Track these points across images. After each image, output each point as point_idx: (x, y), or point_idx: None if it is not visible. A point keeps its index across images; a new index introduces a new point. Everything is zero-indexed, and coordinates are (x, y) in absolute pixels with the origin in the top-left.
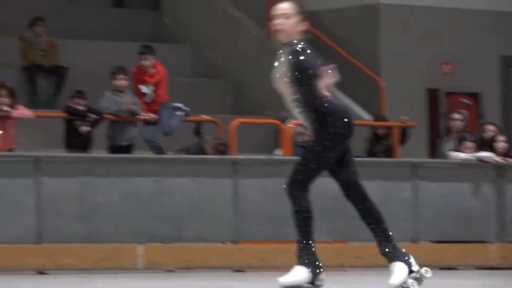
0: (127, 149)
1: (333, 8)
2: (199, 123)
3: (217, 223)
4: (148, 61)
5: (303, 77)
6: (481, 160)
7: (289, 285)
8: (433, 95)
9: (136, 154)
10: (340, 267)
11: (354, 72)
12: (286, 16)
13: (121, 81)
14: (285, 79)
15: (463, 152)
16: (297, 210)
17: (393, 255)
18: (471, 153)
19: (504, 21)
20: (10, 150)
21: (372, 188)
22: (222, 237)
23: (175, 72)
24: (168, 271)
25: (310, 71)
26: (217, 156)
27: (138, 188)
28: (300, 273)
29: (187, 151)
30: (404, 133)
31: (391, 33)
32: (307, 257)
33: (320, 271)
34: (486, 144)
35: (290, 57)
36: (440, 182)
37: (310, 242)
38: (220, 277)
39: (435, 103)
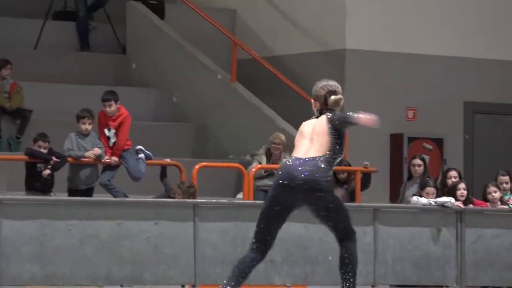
0: (87, 192)
1: (299, 53)
2: (164, 167)
3: (177, 266)
4: (112, 107)
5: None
6: (441, 205)
7: None
8: (396, 140)
9: (98, 197)
10: None
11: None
12: None
13: (86, 125)
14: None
15: (424, 197)
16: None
17: None
18: (432, 198)
19: (468, 67)
20: None
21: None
22: (182, 279)
23: (141, 116)
24: None
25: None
26: (178, 200)
27: (98, 231)
28: None
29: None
30: (366, 178)
31: (356, 78)
32: None
33: None
34: (448, 190)
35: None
36: (401, 227)
37: None
38: None
39: (399, 148)
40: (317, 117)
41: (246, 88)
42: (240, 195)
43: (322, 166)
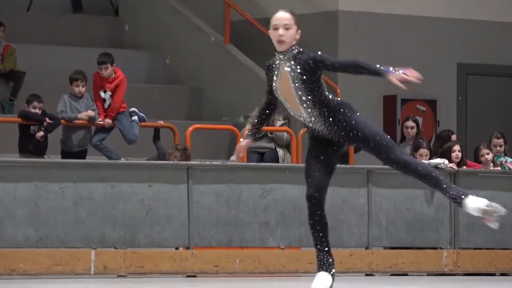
0: (81, 154)
1: None
2: (158, 130)
3: (170, 229)
4: (108, 70)
5: (318, 73)
6: (435, 167)
7: None
8: (389, 102)
9: (91, 159)
10: (293, 272)
11: None
12: (286, 26)
13: (79, 87)
14: (294, 85)
15: (417, 159)
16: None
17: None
18: (425, 160)
19: (461, 28)
20: None
21: (328, 194)
22: (176, 242)
23: (134, 78)
24: (120, 276)
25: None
26: (172, 162)
27: (92, 193)
28: None
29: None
30: None
31: (349, 40)
32: None
33: None
34: (443, 152)
35: (295, 60)
36: (394, 189)
37: None
38: (172, 282)
39: (392, 109)
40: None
41: (239, 50)
42: (233, 157)
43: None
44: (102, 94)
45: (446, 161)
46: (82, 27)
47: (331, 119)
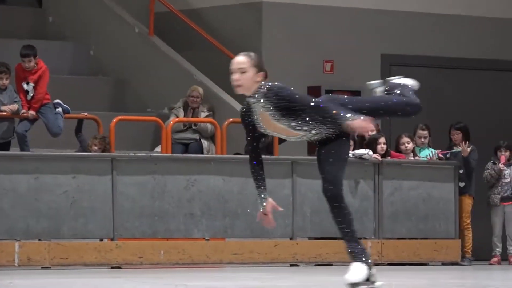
0: (4, 146)
1: (216, 5)
2: (80, 122)
3: (95, 220)
4: (31, 63)
5: (296, 102)
6: (359, 158)
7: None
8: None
9: (15, 151)
10: (218, 263)
11: None
12: (242, 70)
13: (3, 80)
14: (276, 120)
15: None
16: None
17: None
18: (350, 150)
19: (385, 19)
20: None
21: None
22: (100, 233)
23: (58, 69)
24: (44, 268)
25: (294, 96)
26: (96, 153)
27: (15, 184)
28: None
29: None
30: None
31: (273, 31)
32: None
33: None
34: (367, 143)
35: (264, 99)
36: (319, 179)
37: None
38: (96, 274)
39: None
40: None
41: (164, 42)
42: (158, 149)
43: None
44: (25, 86)
45: (371, 152)
46: (5, 18)
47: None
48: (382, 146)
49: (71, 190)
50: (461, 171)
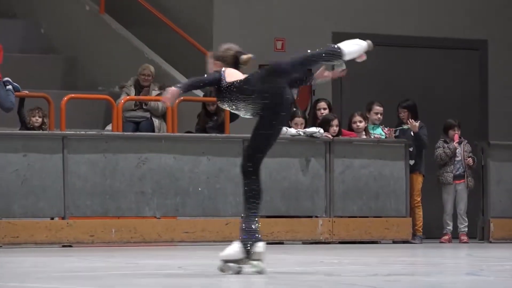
0: None
1: None
2: (22, 100)
3: (46, 199)
4: None
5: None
6: (310, 136)
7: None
8: None
9: None
10: (169, 242)
11: (187, 47)
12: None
13: None
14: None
15: (293, 127)
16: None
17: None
18: (301, 128)
19: None
20: None
21: (204, 163)
22: (51, 212)
23: (8, 47)
24: None
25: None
26: (47, 132)
27: None
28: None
29: None
30: None
31: (224, 8)
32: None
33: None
34: (320, 123)
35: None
36: (269, 158)
37: None
38: (48, 252)
39: None
40: None
41: (114, 19)
42: (109, 127)
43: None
44: None
45: (322, 130)
46: None
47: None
48: (334, 128)
49: (22, 169)
50: (411, 149)
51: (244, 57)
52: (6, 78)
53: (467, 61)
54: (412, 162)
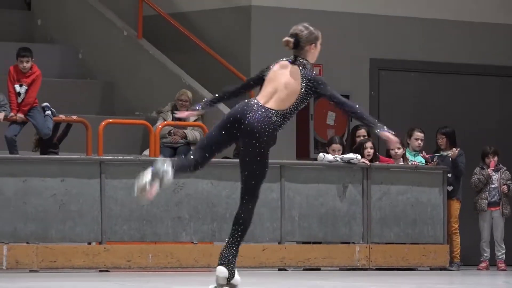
0: None
1: (206, 9)
2: (68, 125)
3: (83, 223)
4: (29, 64)
5: None
6: (348, 162)
7: None
8: None
9: (2, 154)
10: (206, 267)
11: (224, 73)
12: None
13: None
14: None
15: (330, 154)
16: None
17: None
18: (338, 155)
19: (374, 23)
20: None
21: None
22: (88, 237)
23: (46, 72)
24: (33, 271)
25: None
26: (85, 157)
27: (3, 187)
28: None
29: None
30: None
31: (262, 35)
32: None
33: None
34: (356, 148)
35: None
36: (307, 184)
37: None
38: (85, 277)
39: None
40: (292, 62)
41: (152, 45)
42: (146, 152)
43: (274, 119)
44: (18, 88)
45: (359, 156)
46: None
47: None
48: (368, 150)
49: (59, 193)
50: (449, 175)
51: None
52: (45, 104)
53: (507, 88)
54: (450, 188)
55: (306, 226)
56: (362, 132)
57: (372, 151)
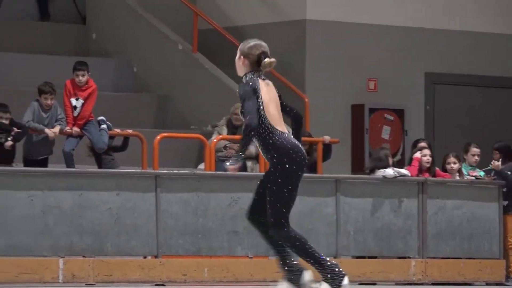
0: (43, 162)
1: (260, 23)
2: (126, 138)
3: (138, 237)
4: (85, 77)
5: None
6: (403, 176)
7: None
8: (357, 111)
9: (57, 168)
10: (261, 281)
11: (278, 87)
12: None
13: (48, 100)
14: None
15: (390, 169)
16: (291, 246)
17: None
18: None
19: (429, 37)
20: None
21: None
22: (143, 251)
23: (101, 86)
24: (88, 284)
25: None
26: (140, 171)
27: (60, 201)
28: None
29: None
30: (327, 149)
31: (317, 49)
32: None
33: None
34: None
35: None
36: (362, 198)
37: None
38: None
39: (360, 119)
40: (263, 80)
41: (207, 59)
42: (201, 166)
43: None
44: (74, 102)
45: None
46: (49, 35)
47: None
48: (428, 158)
49: (114, 207)
50: (504, 190)
51: (266, 61)
52: (101, 117)
53: None
54: (505, 203)
55: (362, 241)
56: (423, 145)
57: (431, 159)
